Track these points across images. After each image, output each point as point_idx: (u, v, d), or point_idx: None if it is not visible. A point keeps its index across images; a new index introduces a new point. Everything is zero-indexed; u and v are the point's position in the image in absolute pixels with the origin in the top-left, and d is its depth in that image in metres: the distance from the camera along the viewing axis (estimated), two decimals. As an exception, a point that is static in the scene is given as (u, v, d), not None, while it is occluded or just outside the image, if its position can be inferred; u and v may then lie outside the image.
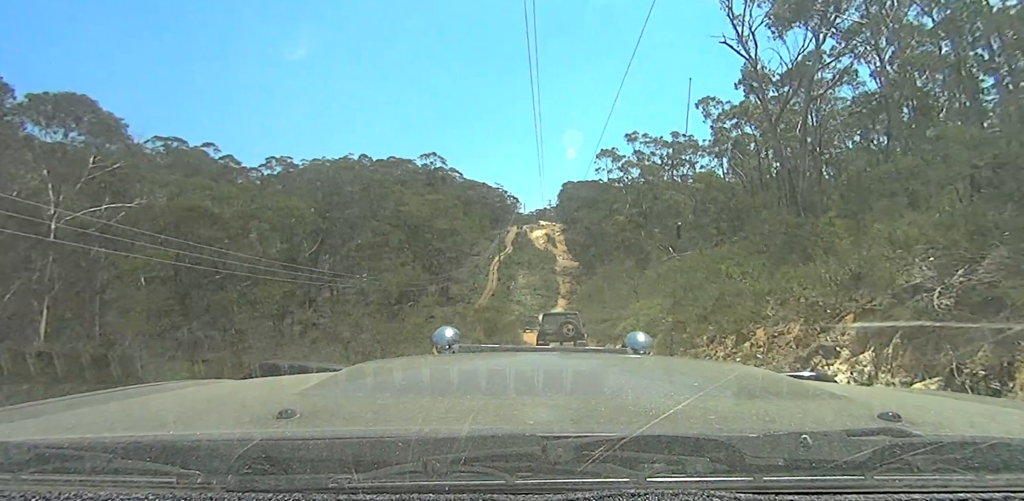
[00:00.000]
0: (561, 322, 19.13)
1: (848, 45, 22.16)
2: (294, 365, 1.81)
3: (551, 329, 19.18)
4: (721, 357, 12.70)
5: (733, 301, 13.90)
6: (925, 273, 7.96)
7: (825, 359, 9.44)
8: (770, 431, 0.82)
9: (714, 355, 13.12)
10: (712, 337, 13.96)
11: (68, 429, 0.96)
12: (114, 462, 0.72)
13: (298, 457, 0.73)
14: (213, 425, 0.98)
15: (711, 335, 14.11)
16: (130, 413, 1.12)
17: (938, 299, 7.32)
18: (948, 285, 7.44)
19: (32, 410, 1.12)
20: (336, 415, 0.99)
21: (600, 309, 28.35)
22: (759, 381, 1.39)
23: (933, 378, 6.93)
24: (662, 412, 0.91)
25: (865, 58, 23.74)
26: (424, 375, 1.50)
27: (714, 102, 36.63)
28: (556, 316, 20.55)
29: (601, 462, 0.71)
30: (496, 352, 2.75)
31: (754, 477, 0.72)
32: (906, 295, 8.18)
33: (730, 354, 12.60)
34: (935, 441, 0.78)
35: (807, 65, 22.09)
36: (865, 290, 9.62)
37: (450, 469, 0.70)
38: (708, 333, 14.31)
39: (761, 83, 24.00)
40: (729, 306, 13.86)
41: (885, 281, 8.91)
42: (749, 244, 19.06)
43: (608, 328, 22.95)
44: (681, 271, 19.36)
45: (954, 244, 8.08)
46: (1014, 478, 0.74)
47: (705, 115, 37.62)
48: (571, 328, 18.57)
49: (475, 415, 0.96)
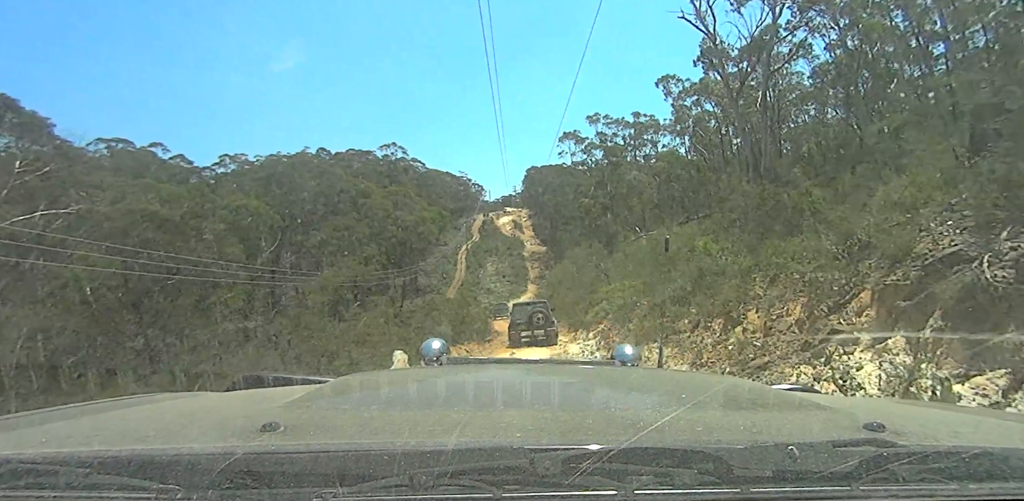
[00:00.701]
0: (530, 311, 19.60)
1: (803, 17, 22.08)
2: (278, 377, 1.77)
3: (521, 319, 19.77)
4: (709, 345, 11.18)
5: (715, 281, 12.56)
6: (965, 239, 6.65)
7: (843, 347, 7.62)
8: (757, 442, 0.82)
9: (700, 343, 11.56)
10: (696, 322, 12.48)
11: (42, 443, 0.92)
12: (90, 477, 0.70)
13: (282, 471, 0.71)
14: (194, 439, 0.93)
15: (694, 319, 12.68)
16: (107, 427, 1.07)
17: (989, 270, 5.98)
18: (997, 252, 6.12)
19: (2, 424, 1.08)
20: (321, 428, 0.97)
21: (570, 293, 27.99)
22: (745, 393, 1.41)
23: (995, 369, 5.45)
24: (649, 424, 0.90)
25: (820, 32, 23.82)
26: (410, 388, 1.49)
27: (674, 80, 36.51)
28: (525, 306, 21.08)
29: (588, 474, 0.71)
30: (483, 364, 2.69)
31: (741, 489, 0.72)
32: (941, 266, 6.73)
33: (719, 342, 10.95)
34: (919, 451, 0.79)
35: (764, 39, 21.96)
36: (880, 261, 8.14)
37: (437, 482, 0.69)
38: (690, 317, 12.94)
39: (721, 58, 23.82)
40: (710, 286, 12.59)
41: (901, 250, 7.62)
42: (720, 219, 18.40)
43: (580, 314, 22.24)
44: (651, 251, 17.85)
45: (979, 204, 7.00)
46: (996, 487, 0.75)
47: (666, 93, 37.54)
48: (540, 316, 19.21)
49: (462, 428, 0.93)
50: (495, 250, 64.39)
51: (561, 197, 52.14)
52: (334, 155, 65.45)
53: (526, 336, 19.18)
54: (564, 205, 50.21)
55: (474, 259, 60.61)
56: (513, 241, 69.76)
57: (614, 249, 29.81)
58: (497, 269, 58.56)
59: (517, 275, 57.14)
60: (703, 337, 11.88)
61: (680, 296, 13.71)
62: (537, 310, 19.70)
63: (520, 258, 62.80)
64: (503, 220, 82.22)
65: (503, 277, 56.18)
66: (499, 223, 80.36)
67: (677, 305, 13.67)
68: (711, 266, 13.32)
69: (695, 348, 11.50)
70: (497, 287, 52.87)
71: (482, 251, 63.43)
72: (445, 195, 74.95)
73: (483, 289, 51.94)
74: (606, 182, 43.17)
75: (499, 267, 59.17)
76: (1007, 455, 0.81)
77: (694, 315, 12.74)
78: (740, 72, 24.04)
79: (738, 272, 12.14)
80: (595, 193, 44.08)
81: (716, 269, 12.99)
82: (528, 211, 79.76)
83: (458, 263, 59.14)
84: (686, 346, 11.93)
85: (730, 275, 12.28)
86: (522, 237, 72.42)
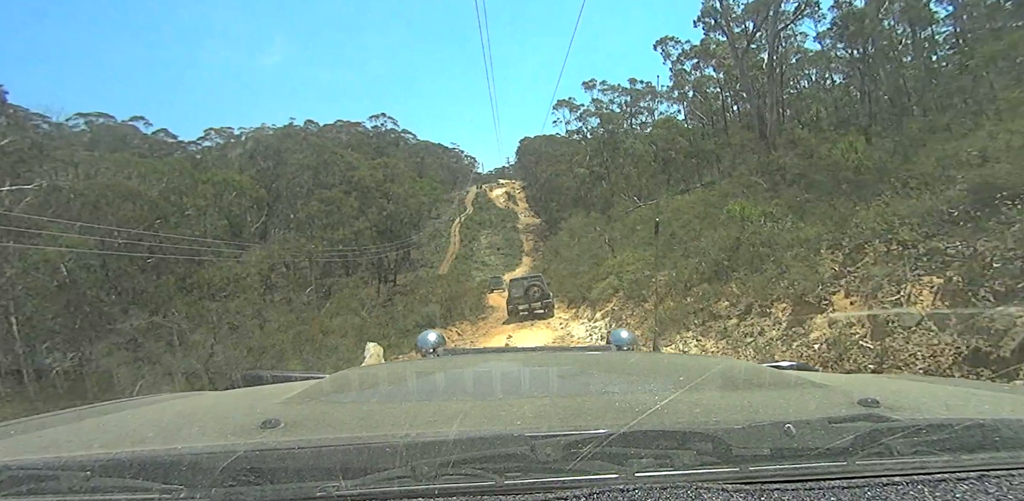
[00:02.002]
0: (527, 285, 19.99)
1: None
2: (277, 374, 1.75)
3: (518, 293, 19.93)
4: (774, 338, 8.37)
5: (761, 253, 10.17)
6: None
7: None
8: (754, 422, 0.83)
9: (758, 335, 8.81)
10: (746, 306, 9.72)
11: (42, 449, 0.92)
12: (92, 480, 0.71)
13: (284, 467, 0.72)
14: (194, 438, 0.92)
15: (737, 301, 10.02)
16: (106, 430, 1.06)
17: None
18: None
19: (1, 431, 1.05)
20: (321, 423, 0.97)
21: (567, 266, 27.17)
22: (742, 373, 1.42)
23: None
24: (648, 407, 0.91)
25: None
26: (409, 380, 1.48)
27: (673, 42, 35.02)
28: (521, 280, 21.17)
29: (589, 459, 0.72)
30: (481, 354, 2.63)
31: (740, 468, 0.73)
32: None
33: (790, 335, 8.11)
34: (912, 424, 0.80)
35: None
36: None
37: (439, 472, 0.70)
38: (730, 297, 10.28)
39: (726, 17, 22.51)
40: (756, 260, 10.14)
41: None
42: (733, 184, 17.11)
43: (581, 290, 20.74)
44: (661, 218, 16.35)
45: None
46: (988, 457, 0.76)
47: (665, 56, 36.10)
48: (537, 290, 19.62)
49: (462, 418, 0.95)
50: (489, 222, 63.59)
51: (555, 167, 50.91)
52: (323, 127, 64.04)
53: (524, 309, 19.60)
54: (559, 175, 49.03)
55: (468, 232, 59.77)
56: (507, 213, 68.91)
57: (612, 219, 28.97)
58: (491, 242, 57.84)
59: (512, 247, 56.48)
60: (760, 326, 9.00)
61: (713, 271, 11.29)
62: (533, 284, 19.99)
63: (514, 230, 62.08)
64: (497, 192, 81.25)
65: (497, 250, 55.50)
66: (493, 195, 79.45)
67: (708, 282, 11.26)
68: (749, 236, 10.91)
69: (750, 342, 8.76)
70: (492, 260, 52.20)
71: (475, 224, 62.56)
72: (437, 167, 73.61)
73: (477, 262, 51.31)
74: (602, 150, 42.04)
75: (493, 240, 58.47)
76: (998, 426, 0.82)
77: (737, 295, 10.16)
78: (745, 32, 22.78)
79: (796, 242, 9.61)
80: (590, 162, 43.00)
81: (759, 239, 10.59)
82: (522, 183, 78.71)
83: (451, 236, 58.33)
84: (736, 338, 9.22)
85: (784, 246, 9.86)
86: (516, 209, 71.59)
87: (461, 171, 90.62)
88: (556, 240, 40.00)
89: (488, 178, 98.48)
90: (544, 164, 56.33)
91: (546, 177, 54.40)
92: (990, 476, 0.71)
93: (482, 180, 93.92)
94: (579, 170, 43.75)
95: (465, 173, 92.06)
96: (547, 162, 55.21)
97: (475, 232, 60.01)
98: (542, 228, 57.43)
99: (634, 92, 47.00)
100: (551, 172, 52.65)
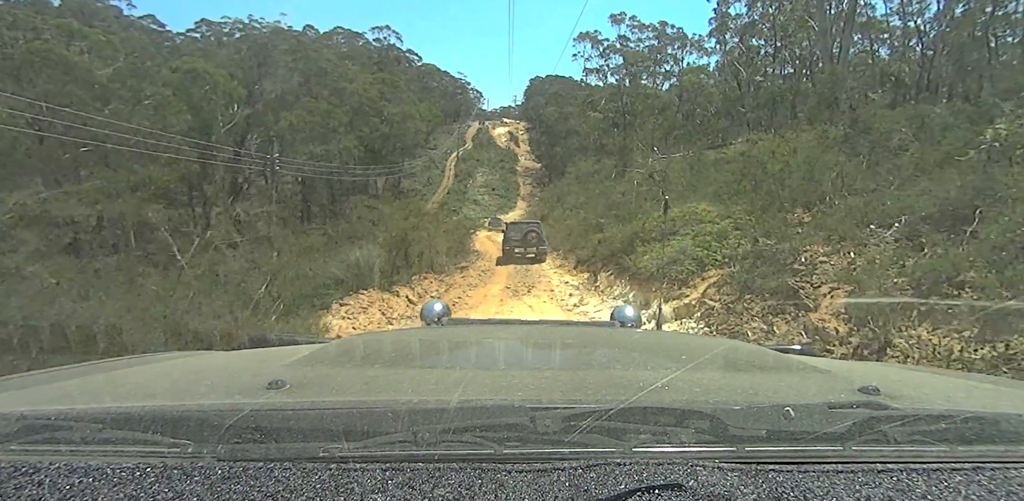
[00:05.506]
0: (525, 230, 20.68)
1: None
2: (283, 337, 1.80)
3: (516, 236, 20.57)
4: None
5: None
6: None
7: None
8: (753, 403, 0.84)
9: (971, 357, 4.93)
10: None
11: (55, 400, 0.93)
12: (104, 432, 0.72)
13: (288, 427, 0.73)
14: (202, 396, 0.93)
15: None
16: (118, 384, 1.08)
17: None
18: None
19: (15, 382, 1.07)
20: (326, 386, 0.97)
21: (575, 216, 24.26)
22: (745, 355, 1.41)
23: None
24: (649, 384, 0.91)
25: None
26: (414, 347, 1.47)
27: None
28: (520, 225, 21.79)
29: (588, 432, 0.73)
30: (486, 325, 2.43)
31: (737, 447, 0.73)
32: None
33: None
34: (911, 414, 0.80)
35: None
36: None
37: (439, 439, 0.71)
38: None
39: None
40: None
41: None
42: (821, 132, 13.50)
43: (603, 250, 15.08)
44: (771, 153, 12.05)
45: None
46: (984, 450, 0.76)
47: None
48: (534, 236, 20.24)
49: (464, 387, 0.95)
50: (487, 161, 60.27)
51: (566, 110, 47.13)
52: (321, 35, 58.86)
53: (519, 252, 20.20)
54: (568, 117, 45.34)
55: (464, 167, 56.44)
56: (507, 153, 65.47)
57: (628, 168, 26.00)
58: (487, 181, 54.77)
59: (508, 189, 53.54)
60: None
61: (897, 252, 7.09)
62: (532, 229, 20.59)
63: (512, 172, 58.95)
64: (499, 131, 77.43)
65: (492, 190, 52.55)
66: (494, 133, 75.75)
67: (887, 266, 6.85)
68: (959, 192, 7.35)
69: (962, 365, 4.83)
70: (485, 200, 49.36)
71: (473, 160, 59.14)
72: (440, 95, 69.12)
73: (470, 200, 48.47)
74: (622, 94, 38.42)
75: (489, 179, 55.39)
76: (997, 419, 0.82)
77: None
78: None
79: None
80: (607, 107, 39.44)
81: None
82: (527, 124, 74.66)
83: (447, 169, 55.09)
84: (931, 356, 5.21)
85: None
86: (517, 151, 68.14)
87: (465, 104, 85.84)
88: (560, 186, 36.98)
89: (492, 116, 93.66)
90: (554, 105, 52.40)
91: (554, 119, 50.63)
92: (985, 468, 0.70)
93: (485, 117, 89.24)
94: (593, 114, 40.23)
95: (469, 106, 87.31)
96: (557, 103, 51.31)
97: (472, 168, 56.74)
98: (541, 174, 54.42)
99: (663, 36, 42.97)
100: (560, 114, 48.88)
